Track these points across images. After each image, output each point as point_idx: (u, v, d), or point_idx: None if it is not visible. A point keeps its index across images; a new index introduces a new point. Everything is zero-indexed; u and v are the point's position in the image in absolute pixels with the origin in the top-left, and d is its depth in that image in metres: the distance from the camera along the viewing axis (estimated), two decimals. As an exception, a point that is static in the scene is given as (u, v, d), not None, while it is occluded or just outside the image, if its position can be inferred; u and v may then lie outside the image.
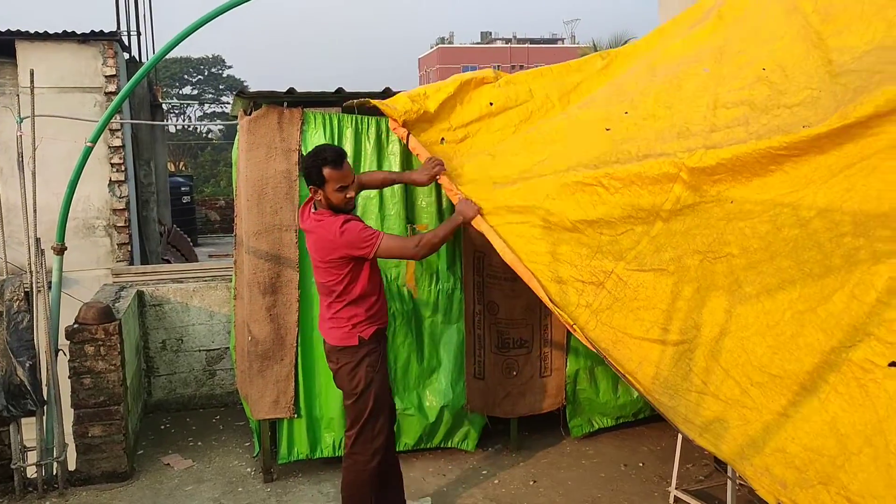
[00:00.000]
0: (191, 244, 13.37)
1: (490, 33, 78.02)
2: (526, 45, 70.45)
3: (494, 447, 5.24)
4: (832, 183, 2.79)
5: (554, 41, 74.47)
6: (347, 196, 3.67)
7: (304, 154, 3.83)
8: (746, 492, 4.46)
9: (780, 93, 3.46)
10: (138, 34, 11.25)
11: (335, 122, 4.71)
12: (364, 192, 4.78)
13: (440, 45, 71.77)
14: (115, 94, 8.83)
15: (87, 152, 4.60)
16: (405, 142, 4.44)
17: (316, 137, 4.66)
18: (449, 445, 5.10)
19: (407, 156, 4.80)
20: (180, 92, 53.39)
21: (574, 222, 3.66)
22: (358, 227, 3.63)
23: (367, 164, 4.76)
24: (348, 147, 4.72)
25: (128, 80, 9.91)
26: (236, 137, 4.90)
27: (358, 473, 3.84)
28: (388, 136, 4.78)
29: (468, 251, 4.89)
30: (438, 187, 4.83)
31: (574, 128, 4.16)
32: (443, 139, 4.48)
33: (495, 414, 5.08)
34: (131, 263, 8.96)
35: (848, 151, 2.79)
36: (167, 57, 4.83)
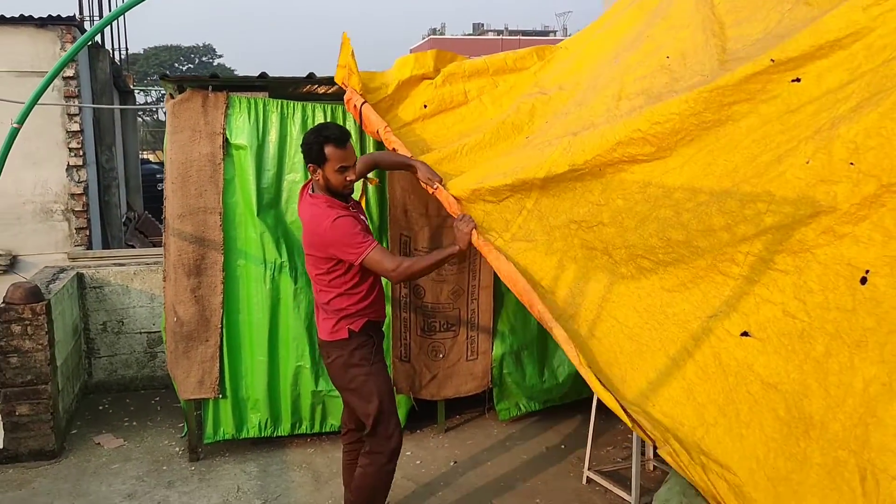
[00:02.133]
0: (161, 230, 13.39)
1: (482, 25, 77.86)
2: (518, 37, 70.30)
3: (422, 429, 5.32)
4: (696, 158, 2.88)
5: (546, 33, 74.31)
6: (347, 179, 3.43)
7: (306, 135, 3.50)
8: (659, 473, 4.57)
9: (674, 80, 3.54)
10: (101, 19, 11.23)
11: (261, 107, 4.76)
12: (290, 176, 4.85)
13: (432, 37, 71.60)
14: (73, 78, 8.85)
15: (14, 133, 4.62)
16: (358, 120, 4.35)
17: (241, 121, 4.72)
18: (376, 427, 5.17)
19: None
20: (170, 81, 53.17)
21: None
22: (349, 228, 3.35)
23: (293, 149, 4.81)
24: (273, 132, 4.77)
25: (89, 66, 9.94)
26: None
27: (376, 475, 3.62)
28: (313, 121, 4.83)
29: (395, 234, 4.96)
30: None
31: (499, 134, 4.18)
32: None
33: (421, 396, 5.16)
34: (90, 248, 9.00)
35: (708, 126, 2.90)
36: (156, 45, 4.85)
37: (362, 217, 3.61)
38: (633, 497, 4.11)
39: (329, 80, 4.99)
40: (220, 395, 4.81)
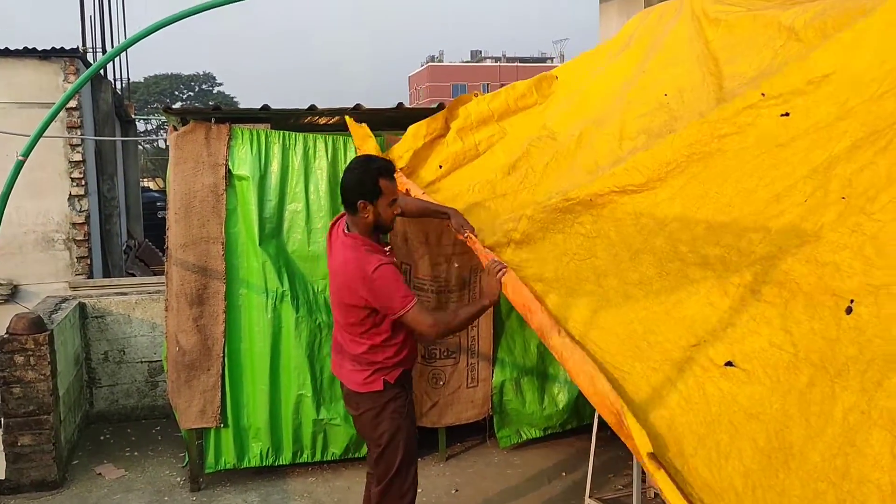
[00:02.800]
0: (161, 258, 13.44)
1: (480, 52, 78.69)
2: (515, 64, 70.95)
3: (423, 457, 5.32)
4: (687, 190, 2.94)
5: (543, 60, 75.07)
6: (395, 212, 3.33)
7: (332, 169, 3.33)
8: (660, 500, 4.57)
9: (673, 119, 3.62)
10: (104, 51, 11.38)
11: (263, 138, 4.83)
12: (291, 206, 4.91)
13: (430, 64, 72.30)
14: (76, 109, 8.95)
15: (19, 166, 4.68)
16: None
17: (243, 152, 4.79)
18: (378, 455, 5.18)
19: (334, 173, 4.92)
20: (171, 108, 53.59)
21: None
22: (393, 279, 3.19)
23: (295, 179, 4.88)
24: (275, 163, 4.84)
25: (92, 97, 10.05)
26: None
27: None
28: (314, 152, 4.90)
29: (396, 263, 4.99)
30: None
31: (510, 187, 4.23)
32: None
33: (422, 424, 5.16)
34: (91, 276, 9.04)
35: (698, 158, 2.96)
36: (156, 74, 4.92)
37: (395, 260, 3.47)
38: (635, 524, 4.12)
39: (330, 112, 5.07)
40: (222, 425, 4.83)
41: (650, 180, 3.13)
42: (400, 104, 5.32)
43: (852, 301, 2.31)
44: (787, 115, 2.77)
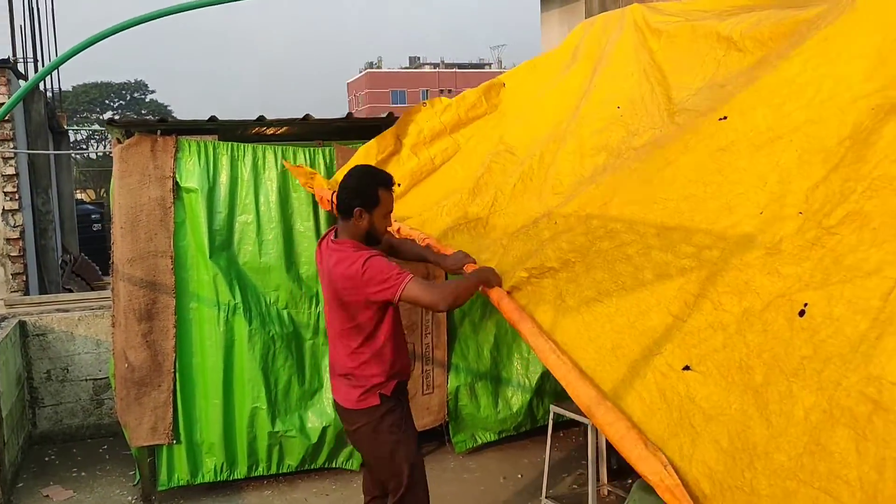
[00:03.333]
0: (99, 273, 13.08)
1: (418, 58, 78.80)
2: (454, 70, 71.33)
3: (380, 465, 5.33)
4: (636, 193, 3.04)
5: (481, 66, 75.64)
6: (388, 225, 3.35)
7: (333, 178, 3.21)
8: (614, 498, 4.68)
9: (631, 134, 3.72)
10: (35, 61, 11.05)
11: (210, 150, 4.79)
12: (241, 217, 4.88)
13: (369, 70, 72.12)
14: (7, 121, 8.67)
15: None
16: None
17: (191, 164, 4.73)
18: (333, 466, 5.17)
19: (285, 183, 4.91)
20: (101, 118, 52.24)
21: None
22: (384, 263, 3.12)
23: (244, 190, 4.85)
24: (224, 174, 4.80)
25: (24, 109, 9.76)
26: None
27: None
28: (264, 163, 4.88)
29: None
30: (316, 209, 4.95)
31: (475, 195, 4.25)
32: None
33: (378, 432, 5.17)
34: (27, 293, 8.76)
35: (654, 161, 3.07)
36: (86, 82, 4.79)
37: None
38: (591, 522, 4.21)
39: (279, 123, 5.05)
40: (174, 441, 4.76)
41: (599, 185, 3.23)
42: (349, 114, 5.34)
43: (805, 304, 2.42)
44: (724, 118, 2.89)
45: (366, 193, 3.20)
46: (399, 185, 4.42)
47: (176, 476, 4.80)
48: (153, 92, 56.19)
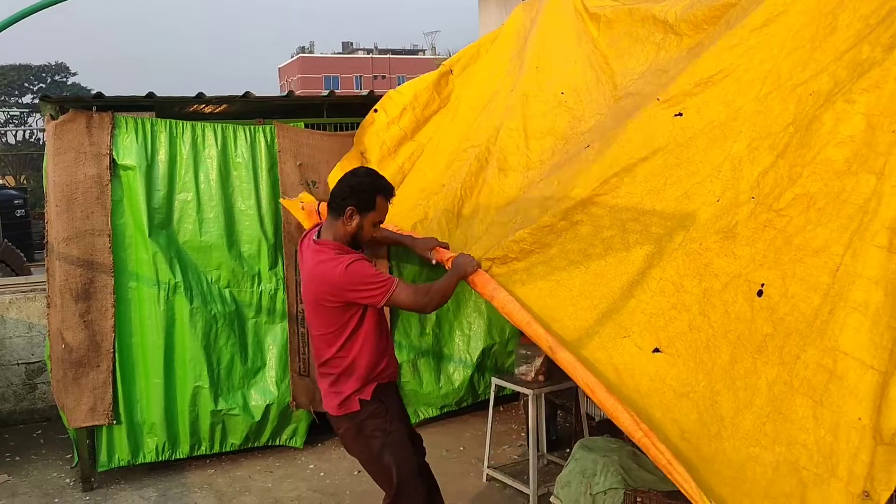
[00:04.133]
0: (23, 259, 12.66)
1: (351, 43, 78.05)
2: (388, 56, 70.95)
3: (324, 442, 5.38)
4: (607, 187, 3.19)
5: (415, 52, 75.41)
6: (375, 234, 3.25)
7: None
8: (553, 467, 4.84)
9: (576, 119, 3.85)
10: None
11: (148, 127, 4.72)
12: (181, 195, 4.83)
13: (301, 55, 71.09)
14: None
15: None
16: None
17: (128, 141, 4.66)
18: (277, 443, 5.19)
19: (225, 161, 4.88)
20: (20, 101, 50.18)
21: None
22: (368, 269, 3.03)
23: (184, 168, 4.80)
24: (163, 152, 4.75)
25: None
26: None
27: None
28: (203, 140, 4.84)
29: (290, 252, 5.02)
30: (258, 188, 4.94)
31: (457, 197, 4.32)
32: None
33: (322, 409, 5.20)
34: (-51, 279, 8.45)
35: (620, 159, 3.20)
36: (2, 65, 4.61)
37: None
38: (531, 489, 4.35)
39: (218, 100, 5.01)
40: (114, 421, 4.71)
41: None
42: (290, 92, 5.33)
43: (763, 285, 2.61)
44: (680, 115, 3.04)
45: (363, 195, 3.09)
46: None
47: (116, 457, 4.75)
48: (75, 74, 54.22)
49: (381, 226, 3.39)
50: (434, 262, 3.58)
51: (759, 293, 2.63)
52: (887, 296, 2.34)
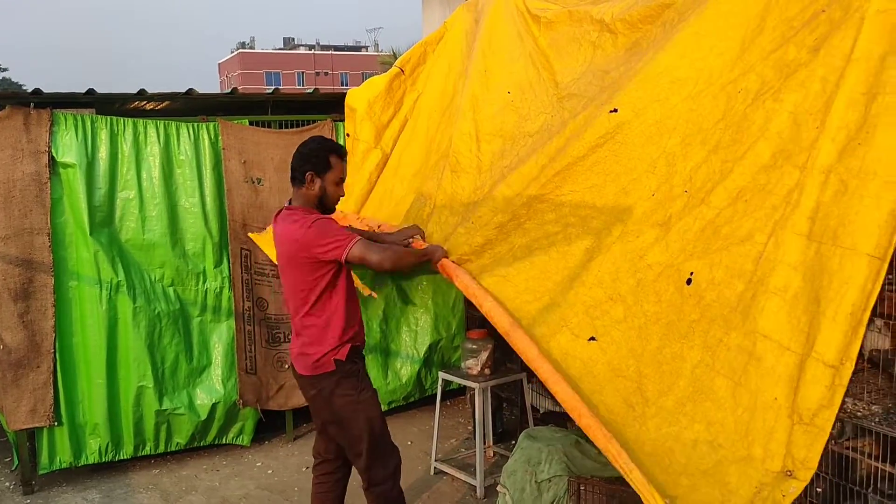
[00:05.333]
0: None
1: (293, 39, 77.20)
2: (330, 52, 70.40)
3: (271, 440, 5.38)
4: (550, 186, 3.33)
5: (358, 48, 75.02)
6: (340, 194, 3.38)
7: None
8: (499, 458, 4.93)
9: (522, 119, 3.94)
10: None
11: (88, 124, 4.65)
12: (123, 193, 4.77)
13: (241, 51, 70.01)
14: None
15: None
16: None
17: (67, 139, 4.58)
18: (224, 442, 5.17)
19: (168, 159, 4.84)
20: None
21: None
22: (330, 224, 3.23)
23: (125, 166, 4.74)
24: (104, 149, 4.68)
25: None
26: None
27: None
28: (146, 138, 4.78)
29: (235, 249, 5.00)
30: (202, 186, 4.91)
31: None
32: None
33: (269, 407, 5.22)
34: None
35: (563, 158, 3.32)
36: None
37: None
38: (478, 480, 4.43)
39: (160, 97, 4.96)
40: (56, 423, 4.63)
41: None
42: (234, 89, 5.30)
43: (692, 273, 2.74)
44: (615, 111, 3.15)
45: (317, 158, 3.27)
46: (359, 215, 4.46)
47: (58, 459, 4.67)
48: (6, 70, 52.39)
49: (360, 225, 3.59)
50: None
51: (688, 281, 2.76)
52: (805, 281, 2.48)
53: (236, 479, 4.82)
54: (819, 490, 3.30)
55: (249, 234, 4.95)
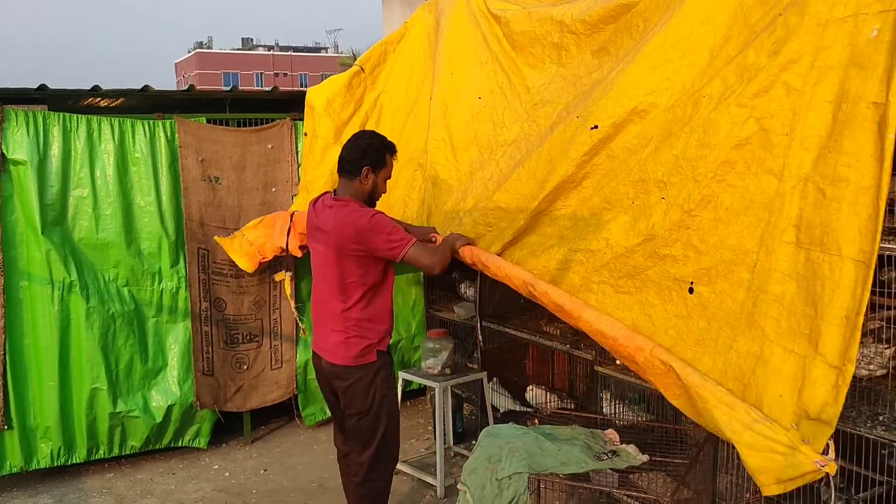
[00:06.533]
0: None
1: (251, 39, 76.36)
2: (289, 53, 69.82)
3: (228, 442, 5.31)
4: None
5: (318, 49, 74.52)
6: (384, 192, 3.50)
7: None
8: (459, 458, 4.94)
9: (497, 126, 4.01)
10: None
11: (40, 120, 4.54)
12: (76, 191, 4.67)
13: (199, 50, 69.06)
14: None
15: None
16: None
17: (19, 135, 4.47)
18: (180, 444, 5.09)
19: (123, 157, 4.75)
20: None
21: None
22: (389, 221, 3.33)
23: (79, 164, 4.65)
24: (56, 146, 4.58)
25: None
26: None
27: (376, 503, 3.56)
28: (100, 135, 4.69)
29: (192, 248, 4.93)
30: (158, 184, 4.83)
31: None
32: None
33: (227, 409, 5.15)
34: None
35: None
36: None
37: None
38: (439, 480, 4.44)
39: (115, 94, 4.87)
40: (5, 427, 4.51)
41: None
42: (191, 86, 5.24)
43: (692, 283, 2.83)
44: (595, 127, 3.22)
45: (376, 153, 3.37)
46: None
47: (8, 463, 4.55)
48: (-48, 65, 50.88)
49: None
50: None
51: (691, 290, 2.85)
52: (799, 287, 2.55)
53: (193, 482, 4.75)
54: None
55: (216, 238, 4.90)
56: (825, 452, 2.36)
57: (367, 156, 3.35)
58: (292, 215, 4.76)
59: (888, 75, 2.33)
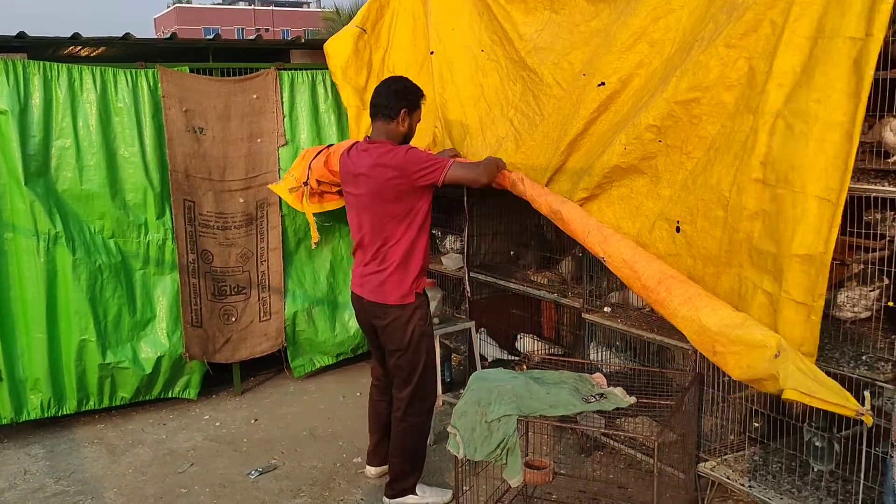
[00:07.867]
0: None
1: (232, -6, 74.86)
2: (270, 8, 68.59)
3: (218, 394, 5.35)
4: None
5: (300, 4, 73.23)
6: (413, 135, 3.60)
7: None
8: (448, 407, 5.00)
9: (504, 80, 4.12)
10: None
11: (20, 69, 4.45)
12: (59, 142, 4.61)
13: (178, 5, 67.67)
14: None
15: None
16: None
17: (-2, 85, 4.39)
18: (170, 395, 5.12)
19: (105, 107, 4.67)
20: None
21: None
22: (424, 152, 3.48)
23: (61, 113, 4.57)
24: (37, 96, 4.50)
25: None
26: None
27: (416, 438, 3.72)
28: (81, 84, 4.61)
29: (178, 200, 4.89)
30: (142, 134, 4.77)
31: None
32: None
33: (216, 360, 5.17)
34: None
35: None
36: None
37: None
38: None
39: (96, 42, 4.78)
40: (-5, 379, 4.51)
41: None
42: (174, 34, 5.14)
43: (678, 222, 2.88)
44: (602, 84, 3.26)
45: (413, 96, 3.48)
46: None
47: (-2, 415, 4.57)
48: (-75, 20, 49.66)
49: None
50: None
51: (678, 229, 2.91)
52: (765, 225, 2.58)
53: (184, 431, 4.79)
54: (757, 425, 3.45)
55: (269, 186, 5.00)
56: (862, 403, 2.41)
57: (405, 98, 3.46)
58: (329, 146, 4.80)
59: (868, 10, 2.32)
